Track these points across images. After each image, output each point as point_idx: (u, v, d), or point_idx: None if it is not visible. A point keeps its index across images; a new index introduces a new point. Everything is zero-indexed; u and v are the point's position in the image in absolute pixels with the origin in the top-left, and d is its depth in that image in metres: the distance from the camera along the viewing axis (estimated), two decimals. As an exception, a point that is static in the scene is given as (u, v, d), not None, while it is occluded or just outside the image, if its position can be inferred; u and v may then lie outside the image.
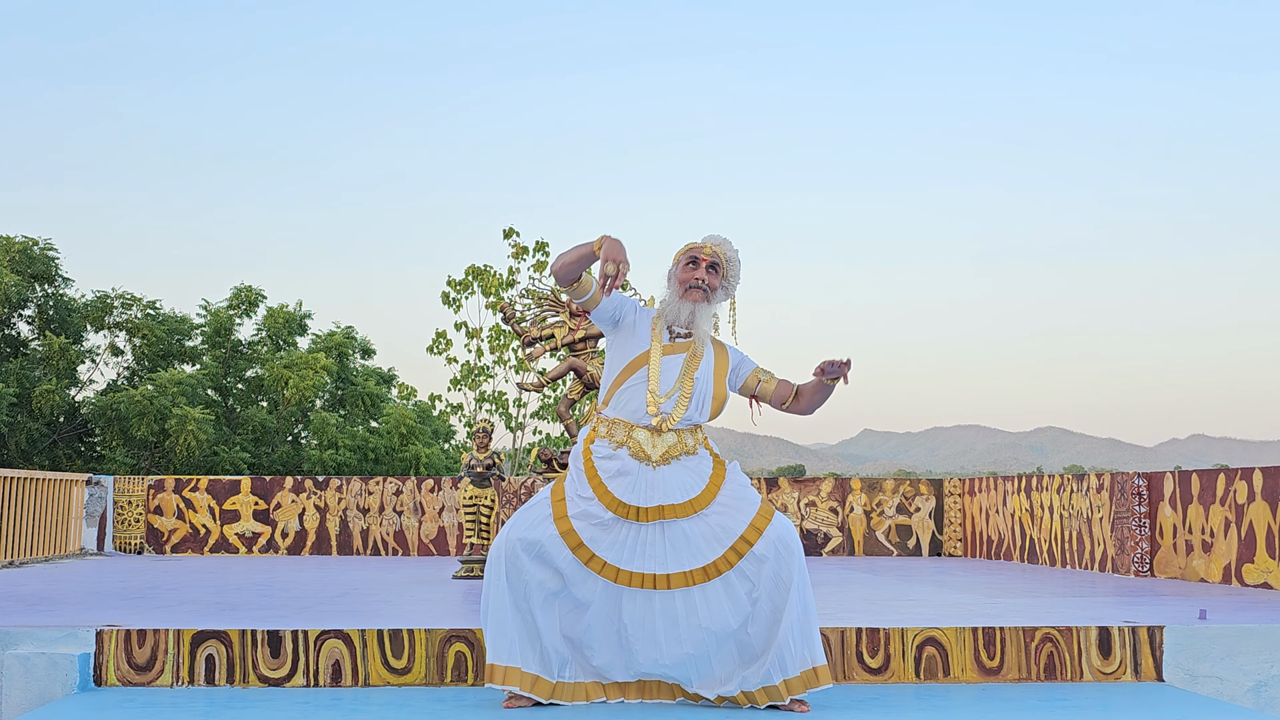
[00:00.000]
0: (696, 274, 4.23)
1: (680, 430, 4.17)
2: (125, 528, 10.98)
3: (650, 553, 4.04)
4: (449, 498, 11.05)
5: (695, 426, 4.22)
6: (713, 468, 4.18)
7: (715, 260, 4.25)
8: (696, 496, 4.09)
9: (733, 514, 4.07)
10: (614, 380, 4.22)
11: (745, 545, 4.02)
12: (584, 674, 4.12)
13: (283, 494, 11.10)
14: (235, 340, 19.75)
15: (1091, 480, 8.97)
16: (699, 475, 4.14)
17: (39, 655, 4.39)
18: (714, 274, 4.25)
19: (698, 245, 4.29)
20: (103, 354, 19.12)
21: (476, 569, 7.83)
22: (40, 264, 18.38)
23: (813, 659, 4.04)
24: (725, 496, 4.12)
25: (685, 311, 4.21)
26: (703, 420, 4.23)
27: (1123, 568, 8.40)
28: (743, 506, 4.09)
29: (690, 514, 4.06)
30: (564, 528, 4.03)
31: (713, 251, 4.26)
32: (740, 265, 4.33)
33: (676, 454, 4.13)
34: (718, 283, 4.26)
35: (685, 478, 4.12)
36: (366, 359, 21.20)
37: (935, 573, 8.61)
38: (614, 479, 4.09)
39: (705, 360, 4.24)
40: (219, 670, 4.51)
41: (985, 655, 4.71)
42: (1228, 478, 7.50)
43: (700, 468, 4.16)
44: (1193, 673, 4.67)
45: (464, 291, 19.45)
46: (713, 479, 4.14)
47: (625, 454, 4.12)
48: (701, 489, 4.11)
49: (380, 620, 4.90)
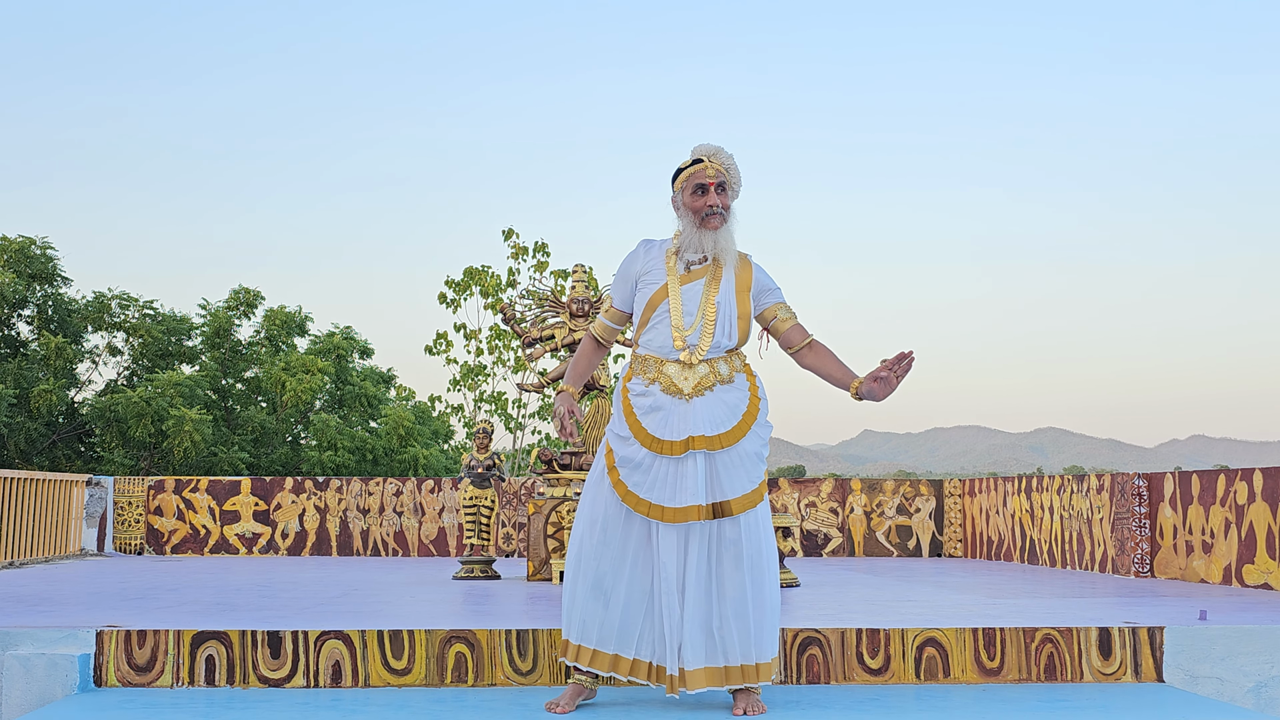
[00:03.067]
0: (709, 200, 4.13)
1: (712, 360, 4.11)
2: (125, 528, 10.97)
3: (687, 485, 4.01)
4: (449, 498, 11.05)
5: (730, 353, 4.15)
6: (748, 402, 4.09)
7: (722, 180, 4.15)
8: (725, 432, 4.04)
9: (752, 467, 4.06)
10: (640, 321, 4.20)
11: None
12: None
13: (283, 495, 11.10)
14: (234, 341, 19.75)
15: (1091, 481, 8.97)
16: (731, 409, 4.07)
17: (39, 656, 4.38)
18: (724, 194, 4.16)
19: (699, 169, 4.15)
20: (101, 354, 19.12)
21: (476, 569, 7.82)
22: (39, 263, 18.37)
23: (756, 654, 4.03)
24: (755, 442, 4.08)
25: (709, 242, 4.13)
26: (732, 344, 4.14)
27: (1123, 568, 8.40)
28: (754, 469, 4.07)
29: (718, 448, 4.03)
30: (614, 478, 4.08)
31: (716, 171, 4.14)
32: (737, 167, 4.22)
33: (709, 384, 4.08)
34: (729, 200, 4.17)
35: (717, 411, 4.06)
36: (365, 360, 21.20)
37: (935, 573, 8.61)
38: (648, 415, 4.08)
39: (725, 282, 4.14)
40: (219, 671, 4.51)
41: (985, 656, 4.71)
42: (1228, 478, 7.50)
43: (734, 400, 4.09)
44: (1193, 673, 4.67)
45: (463, 293, 19.46)
46: (747, 414, 4.08)
47: (658, 389, 4.10)
48: (733, 425, 4.05)
49: (380, 621, 4.90)
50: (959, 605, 5.87)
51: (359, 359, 20.95)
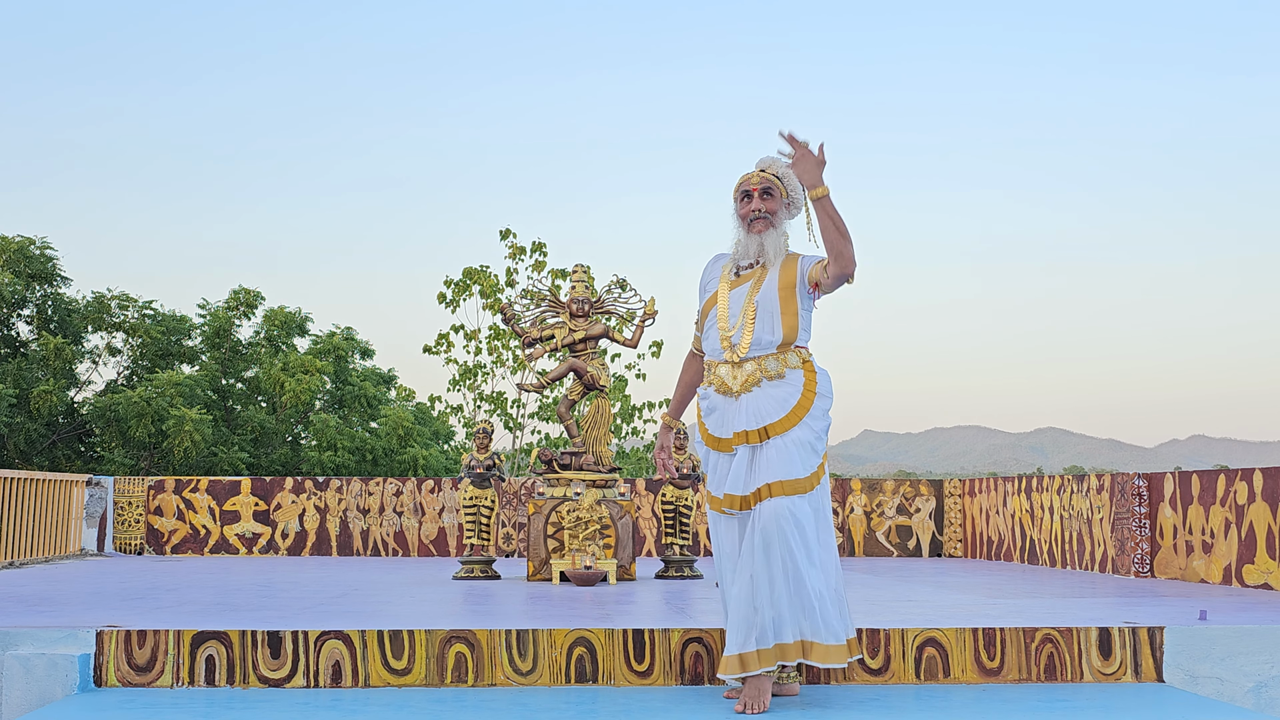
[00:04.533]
0: (752, 206, 4.26)
1: (759, 357, 4.17)
2: (125, 528, 10.97)
3: (732, 476, 4.14)
4: (449, 498, 11.05)
5: (781, 350, 4.18)
6: (799, 396, 4.14)
7: (766, 185, 4.27)
8: (770, 424, 4.10)
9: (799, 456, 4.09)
10: (701, 329, 4.39)
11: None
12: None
13: (283, 495, 11.10)
14: (234, 341, 19.75)
15: (1091, 481, 8.97)
16: (778, 403, 4.13)
17: (39, 656, 4.38)
18: (769, 199, 4.26)
19: (745, 177, 4.32)
20: (101, 354, 19.11)
21: (476, 570, 7.82)
22: (38, 264, 18.37)
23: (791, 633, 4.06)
24: (806, 432, 4.11)
25: (754, 245, 4.26)
26: (776, 339, 4.18)
27: (1123, 568, 8.40)
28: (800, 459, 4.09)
29: (762, 440, 4.11)
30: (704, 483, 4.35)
31: (760, 178, 4.28)
32: (793, 176, 4.28)
33: (756, 380, 4.16)
34: (776, 205, 4.27)
35: (763, 404, 4.13)
36: (366, 360, 21.20)
37: (935, 573, 8.61)
38: (708, 416, 4.28)
39: (769, 282, 4.22)
40: (219, 671, 4.51)
41: (985, 656, 4.71)
42: (1228, 478, 7.50)
43: (783, 395, 4.14)
44: (1193, 673, 4.66)
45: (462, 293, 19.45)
46: (796, 407, 4.12)
47: (713, 391, 4.26)
48: (780, 415, 4.11)
49: (380, 621, 4.90)
50: (959, 605, 5.87)
51: (359, 359, 20.95)
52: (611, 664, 4.59)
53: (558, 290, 8.38)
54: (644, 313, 8.02)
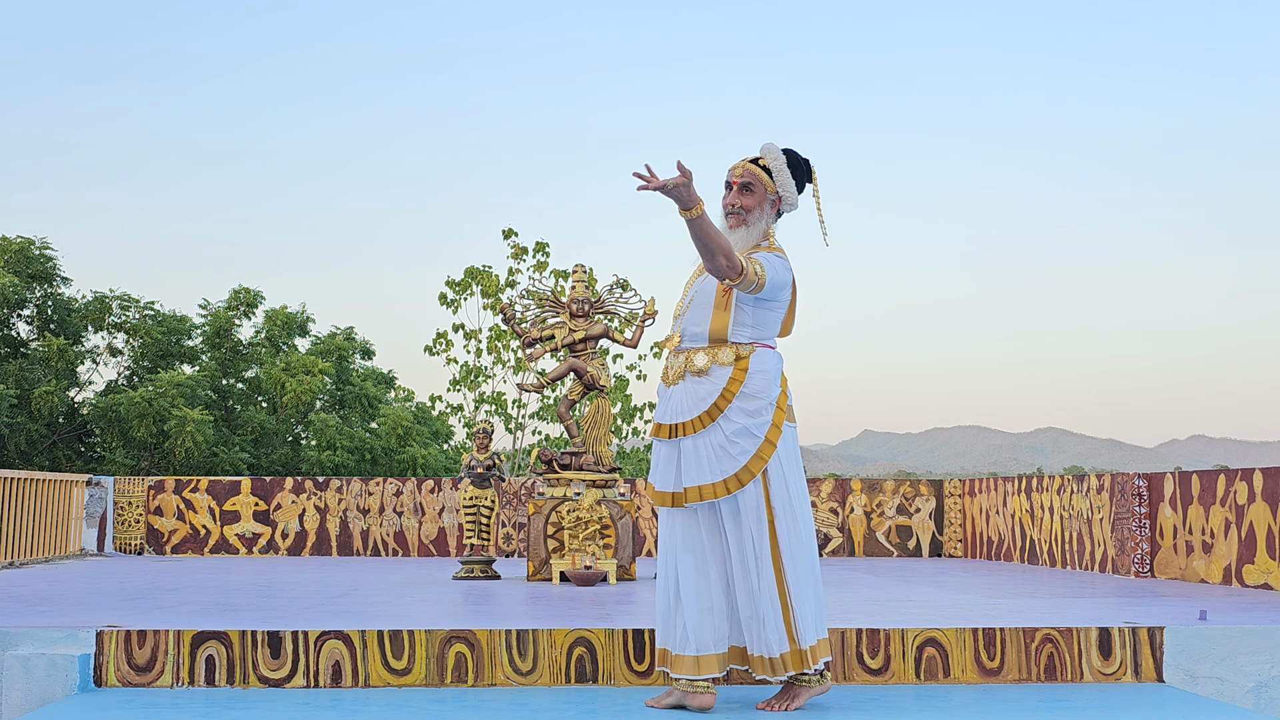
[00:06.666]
0: (729, 199, 4.22)
1: (689, 350, 4.13)
2: (125, 528, 10.97)
3: (669, 469, 4.11)
4: (449, 498, 11.05)
5: (713, 345, 4.09)
6: (718, 394, 4.02)
7: (747, 180, 4.20)
8: (684, 422, 4.06)
9: (714, 459, 4.02)
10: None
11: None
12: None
13: (283, 495, 11.10)
14: (235, 341, 19.75)
15: (1091, 481, 8.97)
16: (696, 400, 4.06)
17: (39, 656, 4.39)
18: (747, 194, 4.19)
19: (733, 166, 4.26)
20: (101, 355, 19.11)
21: (476, 570, 7.82)
22: (39, 264, 18.37)
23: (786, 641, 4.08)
24: (719, 435, 4.01)
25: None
26: (703, 332, 4.10)
27: (1123, 568, 8.40)
28: (715, 462, 4.01)
29: (678, 436, 4.08)
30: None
31: (744, 170, 4.21)
32: (787, 169, 4.21)
33: (681, 374, 4.13)
34: (753, 202, 4.19)
35: (683, 400, 4.09)
36: (367, 360, 21.20)
37: (935, 574, 8.61)
38: (659, 402, 4.25)
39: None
40: (219, 671, 4.51)
41: (985, 656, 4.71)
42: (1228, 478, 7.50)
43: (703, 392, 4.05)
44: (1193, 673, 4.66)
45: (463, 293, 19.44)
46: (711, 408, 4.02)
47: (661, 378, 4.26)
48: (692, 415, 4.04)
49: (380, 621, 4.90)
50: (959, 605, 5.87)
51: (360, 359, 20.95)
52: (611, 664, 4.59)
53: (561, 292, 8.38)
54: (644, 313, 8.03)
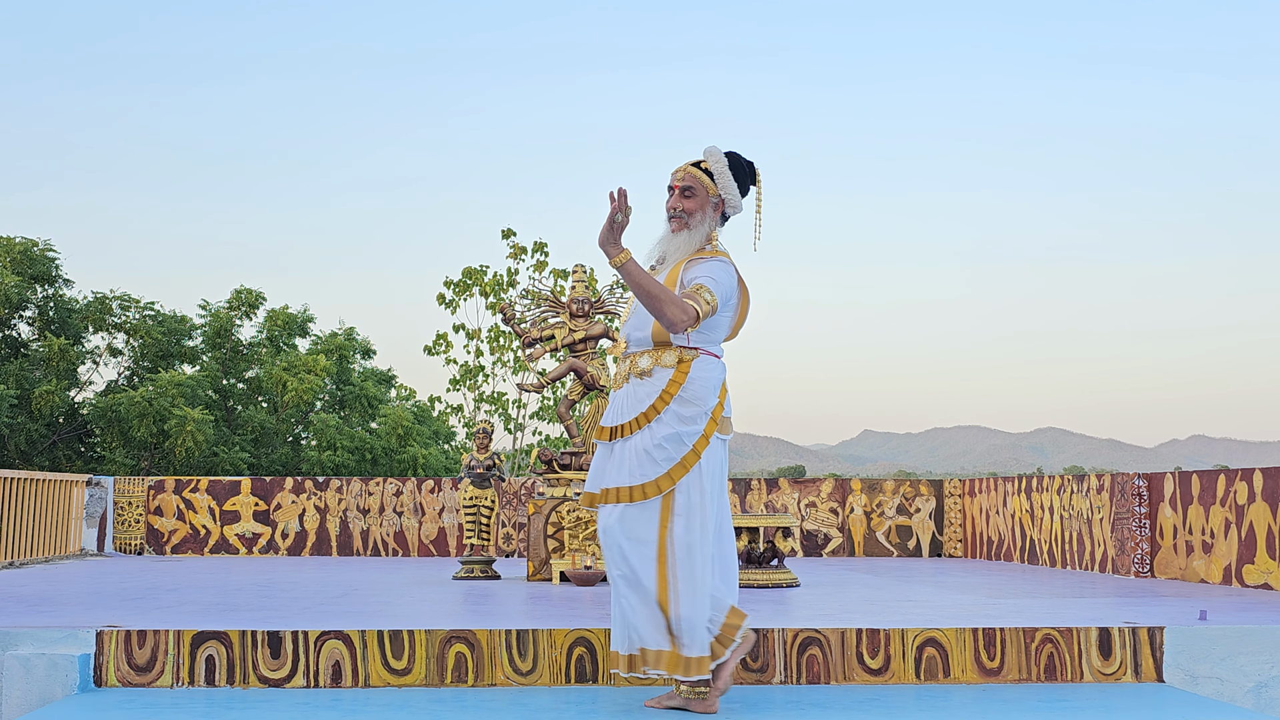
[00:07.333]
0: (670, 203, 4.20)
1: (634, 354, 4.12)
2: (125, 528, 10.97)
3: (600, 471, 4.13)
4: (449, 498, 11.05)
5: (657, 348, 4.06)
6: (654, 398, 3.99)
7: (688, 184, 4.15)
8: (618, 425, 4.06)
9: (635, 464, 3.99)
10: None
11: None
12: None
13: (283, 495, 11.10)
14: (235, 341, 19.75)
15: (1091, 481, 8.97)
16: (636, 403, 4.04)
17: (39, 656, 4.39)
18: (688, 198, 4.15)
19: (675, 170, 4.21)
20: (102, 355, 19.12)
21: (476, 570, 7.82)
22: (40, 265, 18.38)
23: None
24: (647, 438, 3.98)
25: (666, 243, 4.20)
26: (645, 335, 4.07)
27: (1123, 568, 8.40)
28: (636, 466, 3.99)
29: (613, 438, 4.08)
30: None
31: (684, 174, 4.17)
32: (729, 171, 4.16)
33: (626, 377, 4.12)
34: (695, 206, 4.14)
35: (625, 402, 4.08)
36: (367, 360, 21.20)
37: (935, 574, 8.61)
38: (607, 407, 4.26)
39: (659, 278, 4.09)
40: (219, 671, 4.51)
41: (985, 656, 4.71)
42: (1228, 478, 7.50)
43: (644, 394, 4.03)
44: (1193, 673, 4.66)
45: (462, 293, 19.45)
46: (649, 409, 3.99)
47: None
48: (629, 417, 4.03)
49: (380, 621, 4.90)
50: (959, 605, 5.87)
51: (360, 359, 20.95)
52: (611, 664, 4.59)
53: (560, 292, 8.38)
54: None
